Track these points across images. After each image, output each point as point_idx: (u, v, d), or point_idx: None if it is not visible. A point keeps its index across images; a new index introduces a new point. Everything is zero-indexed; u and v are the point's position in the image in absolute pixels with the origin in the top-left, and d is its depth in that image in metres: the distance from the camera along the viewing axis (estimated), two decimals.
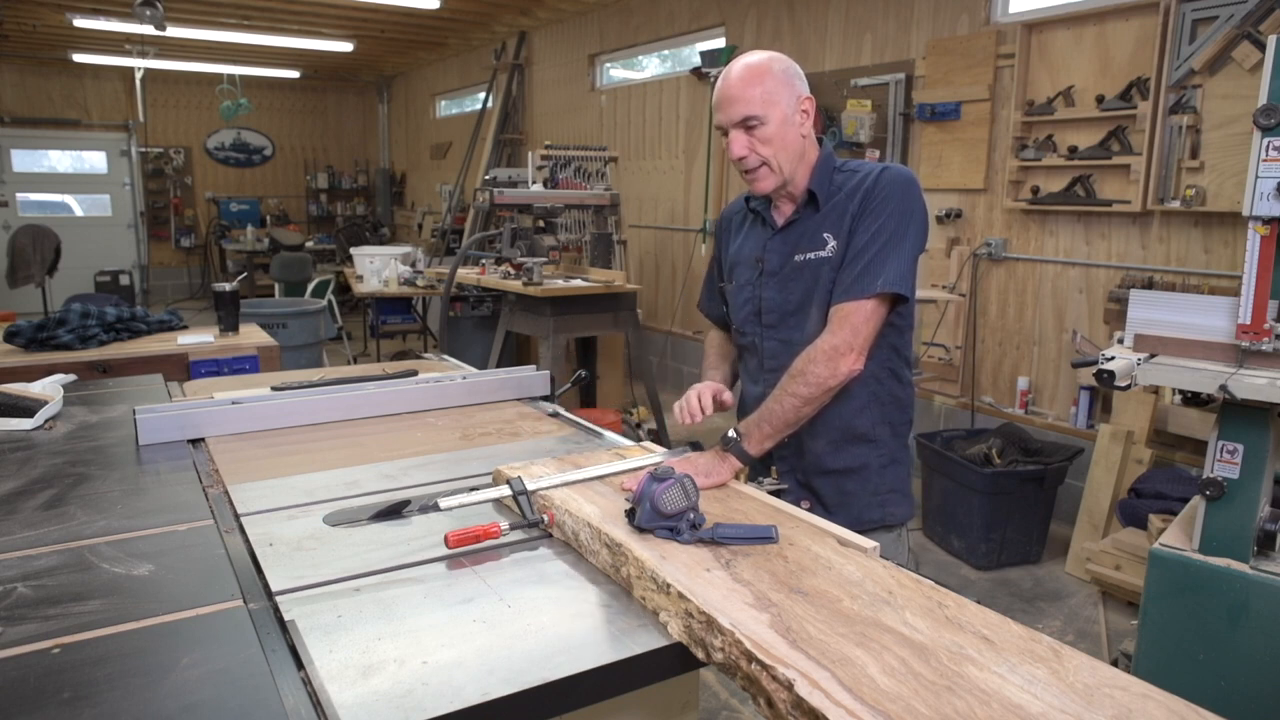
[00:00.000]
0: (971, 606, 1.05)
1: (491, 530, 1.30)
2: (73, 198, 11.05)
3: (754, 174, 1.65)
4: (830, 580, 1.12)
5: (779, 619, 1.01)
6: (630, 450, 1.68)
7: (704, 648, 1.01)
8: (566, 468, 1.54)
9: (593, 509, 1.34)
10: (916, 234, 1.61)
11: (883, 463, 1.72)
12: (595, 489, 1.46)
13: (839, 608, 1.04)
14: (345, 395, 2.08)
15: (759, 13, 5.67)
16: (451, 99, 10.66)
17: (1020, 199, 4.15)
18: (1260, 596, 2.00)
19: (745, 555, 1.20)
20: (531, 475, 1.48)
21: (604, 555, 1.23)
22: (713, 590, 1.07)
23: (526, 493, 1.40)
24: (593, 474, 1.51)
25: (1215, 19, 3.39)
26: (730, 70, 1.63)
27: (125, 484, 1.61)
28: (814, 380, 1.54)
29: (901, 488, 1.75)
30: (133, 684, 0.93)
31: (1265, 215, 1.96)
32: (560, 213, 5.43)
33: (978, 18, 4.33)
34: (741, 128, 1.61)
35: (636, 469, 1.54)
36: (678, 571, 1.12)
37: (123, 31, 7.66)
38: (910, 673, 0.90)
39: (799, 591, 1.08)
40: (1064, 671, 0.92)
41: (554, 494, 1.42)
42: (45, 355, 2.92)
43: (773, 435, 1.57)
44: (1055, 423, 4.13)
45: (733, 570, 1.15)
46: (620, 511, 1.32)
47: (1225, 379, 1.91)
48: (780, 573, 1.14)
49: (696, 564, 1.16)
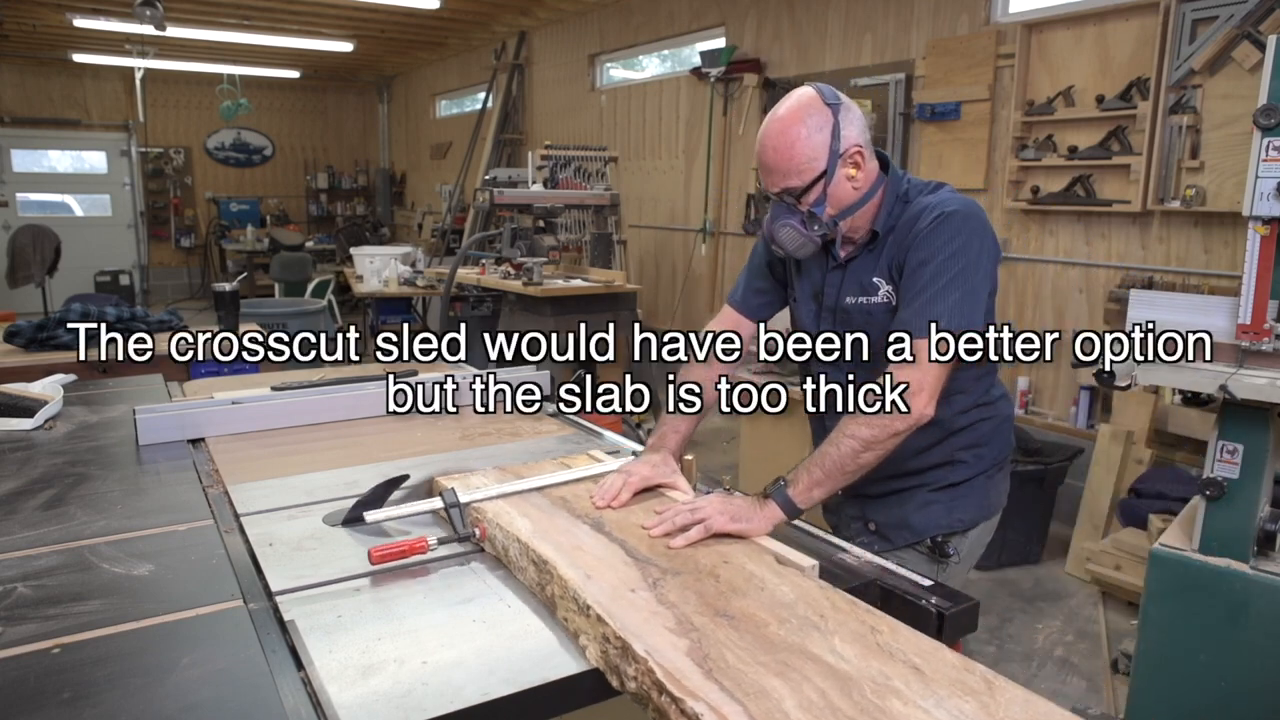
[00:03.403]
0: (905, 632, 1.00)
1: (418, 545, 1.23)
2: (73, 198, 11.05)
3: None
4: (760, 602, 1.06)
5: (698, 646, 0.95)
6: (576, 459, 1.61)
7: (619, 675, 0.95)
8: (507, 478, 1.47)
9: (525, 523, 1.28)
10: (980, 267, 1.45)
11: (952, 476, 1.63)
12: (532, 501, 1.39)
13: (765, 633, 0.99)
14: (345, 395, 2.08)
15: (759, 13, 5.66)
16: (451, 99, 10.66)
17: (1020, 199, 4.15)
18: (1260, 596, 2.00)
19: (676, 574, 1.14)
20: (469, 486, 1.41)
21: (531, 573, 1.17)
22: (634, 613, 1.02)
23: (459, 505, 1.33)
24: (531, 485, 1.45)
25: (1215, 19, 3.39)
26: (765, 130, 1.50)
27: (125, 484, 1.60)
28: (878, 421, 1.36)
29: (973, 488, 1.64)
30: (133, 684, 0.93)
31: (1265, 215, 1.96)
32: (560, 213, 5.43)
33: (978, 18, 4.33)
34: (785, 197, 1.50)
35: (581, 479, 1.48)
36: (601, 592, 1.06)
37: (123, 31, 7.66)
38: (829, 707, 0.85)
39: (725, 615, 1.03)
40: (994, 706, 0.85)
41: (488, 506, 1.35)
42: (45, 355, 2.92)
43: (824, 483, 1.36)
44: (1055, 423, 4.13)
45: (659, 591, 1.08)
46: (553, 525, 1.26)
47: (1225, 379, 1.91)
48: (709, 594, 1.08)
49: (623, 584, 1.10)
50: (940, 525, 1.63)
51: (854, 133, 1.49)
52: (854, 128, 1.49)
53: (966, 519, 1.65)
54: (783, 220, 1.52)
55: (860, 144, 1.50)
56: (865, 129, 1.52)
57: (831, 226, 1.52)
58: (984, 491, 1.66)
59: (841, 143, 1.47)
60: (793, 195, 1.49)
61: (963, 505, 1.64)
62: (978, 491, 1.65)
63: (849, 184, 1.50)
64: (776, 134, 1.48)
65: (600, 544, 1.23)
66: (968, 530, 1.65)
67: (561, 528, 1.27)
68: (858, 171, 1.50)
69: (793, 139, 1.46)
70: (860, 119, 1.52)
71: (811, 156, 1.46)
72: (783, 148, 1.47)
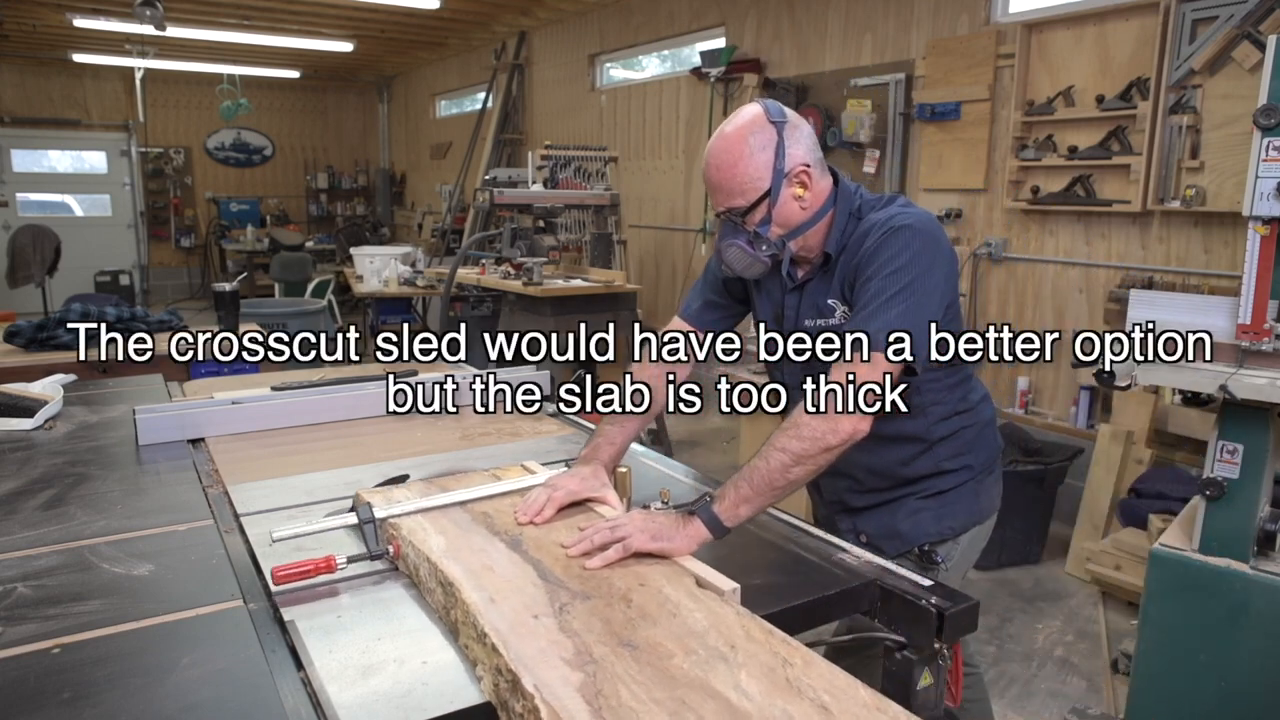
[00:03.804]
0: (820, 665, 0.94)
1: (325, 565, 1.16)
2: (73, 198, 11.04)
3: None
4: (670, 630, 1.00)
5: (592, 680, 0.89)
6: (508, 470, 1.54)
7: (507, 711, 0.89)
8: (433, 490, 1.41)
9: (439, 540, 1.21)
10: (930, 280, 1.40)
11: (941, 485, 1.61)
12: (452, 516, 1.32)
13: (668, 665, 0.93)
14: (345, 395, 2.08)
15: (759, 13, 5.66)
16: (451, 99, 10.66)
17: (1020, 199, 4.15)
18: (1260, 596, 2.00)
19: (586, 599, 1.07)
20: (393, 500, 1.35)
21: (439, 594, 1.10)
22: (532, 642, 0.95)
23: (374, 521, 1.26)
24: (455, 499, 1.38)
25: (1215, 19, 3.39)
26: (710, 147, 1.47)
27: (125, 484, 1.61)
28: (808, 434, 1.29)
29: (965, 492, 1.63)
30: (133, 684, 0.93)
31: (1265, 215, 1.96)
32: (560, 213, 5.43)
33: (978, 18, 4.33)
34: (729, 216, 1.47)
35: (509, 493, 1.42)
36: (502, 618, 1.00)
37: (123, 31, 7.65)
38: None
39: (629, 645, 0.96)
40: None
41: (403, 522, 1.28)
42: (45, 355, 2.93)
43: (752, 499, 1.28)
44: (1055, 423, 4.13)
45: (564, 617, 1.02)
46: (468, 544, 1.20)
47: (1225, 379, 1.91)
48: (617, 621, 1.02)
49: (528, 608, 1.03)
50: (929, 533, 1.61)
51: (800, 151, 1.45)
52: (800, 146, 1.46)
53: (956, 525, 1.63)
54: (729, 240, 1.50)
55: (808, 163, 1.46)
56: (814, 147, 1.50)
57: (779, 246, 1.49)
58: (974, 497, 1.65)
59: (787, 161, 1.44)
60: (738, 214, 1.47)
61: (952, 512, 1.63)
62: (967, 497, 1.64)
63: (796, 204, 1.47)
64: (720, 152, 1.45)
65: (513, 564, 1.16)
66: (959, 535, 1.64)
67: (476, 546, 1.21)
68: (805, 191, 1.47)
69: (735, 157, 1.43)
70: (808, 137, 1.48)
71: (755, 176, 1.43)
72: (725, 166, 1.44)
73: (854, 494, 1.66)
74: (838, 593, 1.22)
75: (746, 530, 1.44)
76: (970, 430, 1.64)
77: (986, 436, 1.68)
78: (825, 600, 1.21)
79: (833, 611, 1.27)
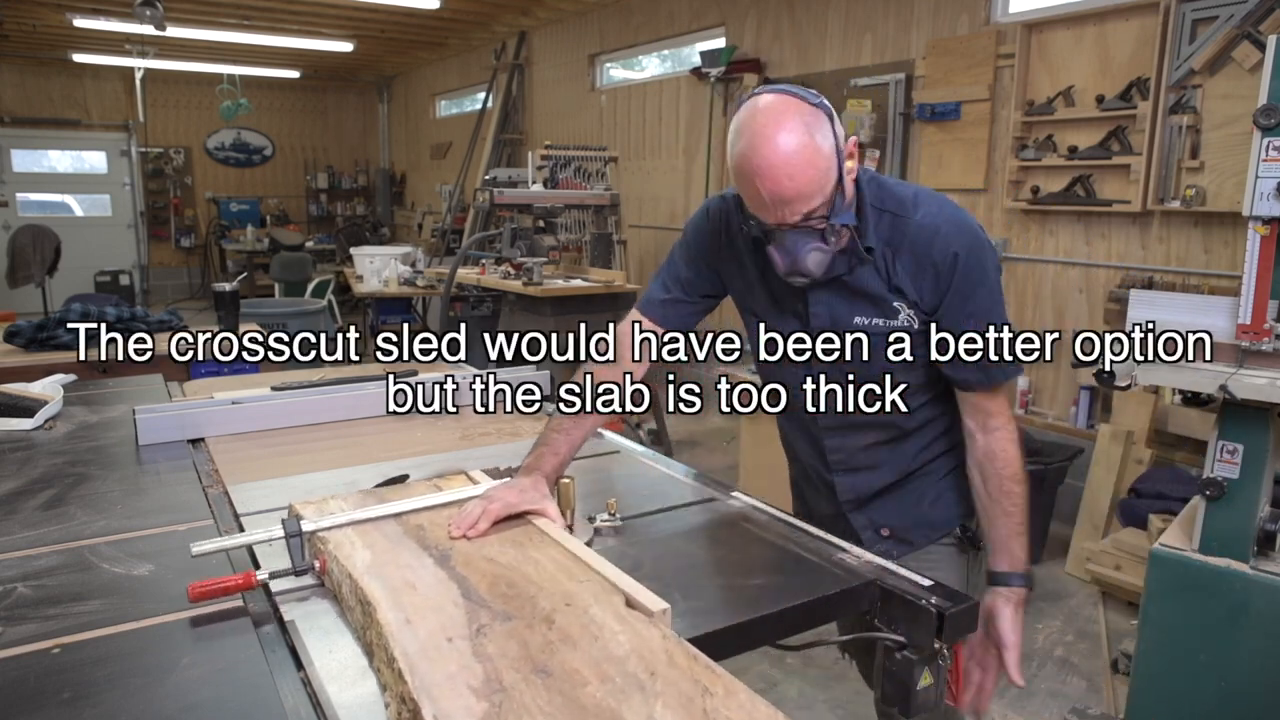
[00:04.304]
0: (741, 696, 0.89)
1: (243, 581, 1.11)
2: (73, 198, 11.04)
3: None
4: (589, 655, 0.95)
5: (496, 711, 0.84)
6: (452, 480, 1.48)
7: None
8: (370, 501, 1.34)
9: (366, 555, 1.15)
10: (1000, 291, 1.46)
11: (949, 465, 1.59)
12: (384, 529, 1.26)
13: (580, 695, 0.88)
14: (345, 395, 2.08)
15: (759, 13, 5.66)
16: (451, 99, 10.66)
17: (1020, 199, 4.15)
18: (1260, 596, 2.00)
19: (507, 620, 1.01)
20: (327, 511, 1.29)
21: (358, 613, 1.05)
22: (441, 668, 0.90)
23: (300, 535, 1.19)
24: (389, 511, 1.31)
25: (1215, 19, 3.39)
26: (767, 157, 1.26)
27: (125, 484, 1.61)
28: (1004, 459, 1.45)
29: None
30: (133, 684, 0.93)
31: (1265, 215, 1.96)
32: (560, 213, 5.43)
33: (978, 18, 4.33)
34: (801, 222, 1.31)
35: (448, 504, 1.36)
36: (414, 642, 0.95)
37: (123, 31, 7.65)
38: None
39: (543, 671, 0.91)
40: None
41: (332, 535, 1.21)
42: (45, 355, 2.93)
43: (1023, 533, 1.46)
44: (1055, 423, 4.13)
45: (480, 640, 0.97)
46: (395, 559, 1.14)
47: (1225, 379, 1.91)
48: (535, 644, 0.96)
49: (444, 630, 0.98)
50: (960, 513, 1.57)
51: (840, 127, 1.34)
52: (838, 121, 1.34)
53: None
54: (807, 246, 1.34)
55: (854, 138, 1.39)
56: None
57: (839, 231, 1.37)
58: None
59: (840, 138, 1.32)
60: (816, 217, 1.31)
61: None
62: None
63: (849, 181, 1.37)
64: (788, 158, 1.25)
65: (438, 581, 1.10)
66: None
67: (403, 561, 1.15)
68: (853, 163, 1.37)
69: (809, 158, 1.26)
70: None
71: (827, 169, 1.29)
72: (798, 172, 1.26)
73: (873, 488, 1.60)
74: (838, 593, 1.21)
75: (746, 530, 1.45)
76: None
77: None
78: (825, 600, 1.21)
79: (833, 611, 1.26)
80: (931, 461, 1.59)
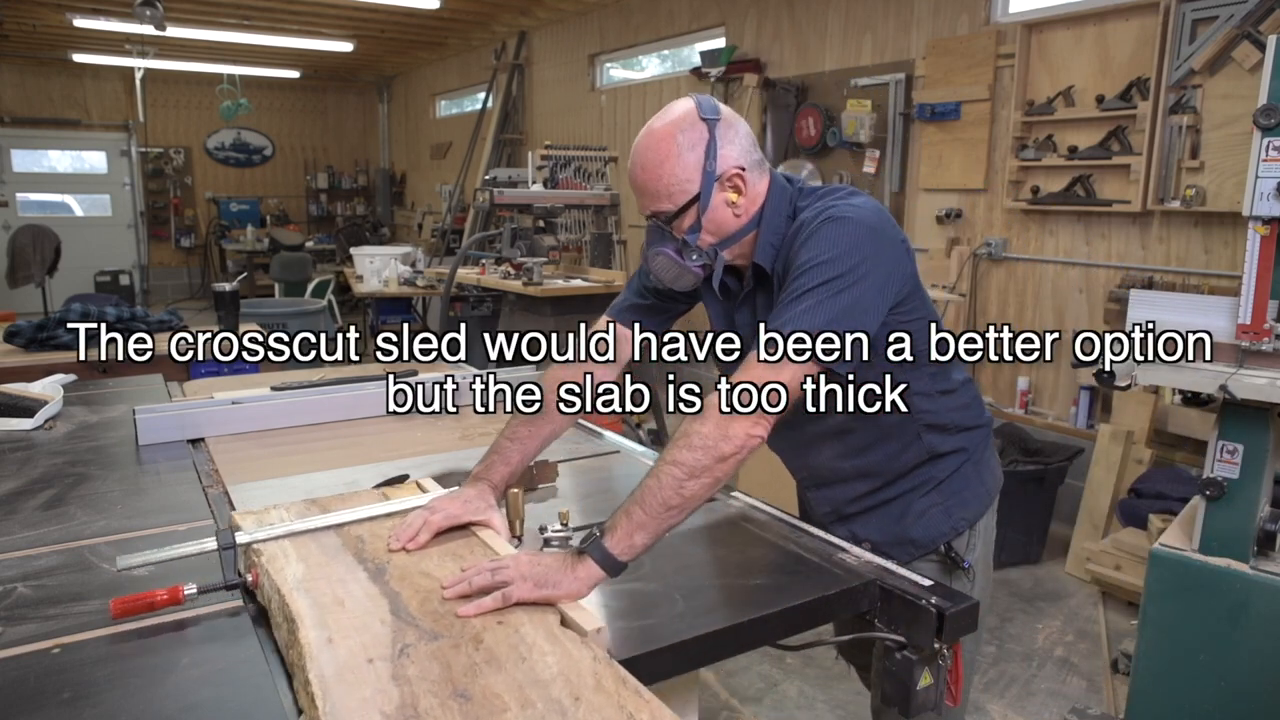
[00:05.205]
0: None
1: (168, 596, 1.06)
2: (73, 198, 11.04)
3: None
4: (513, 678, 0.92)
5: None
6: (399, 490, 1.45)
7: None
8: (312, 511, 1.31)
9: (299, 569, 1.11)
10: (864, 276, 1.24)
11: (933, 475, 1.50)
12: (321, 541, 1.22)
13: None
14: (345, 395, 2.08)
15: (759, 13, 5.66)
16: (451, 99, 10.66)
17: (1020, 199, 4.15)
18: (1260, 596, 2.00)
19: (434, 639, 0.98)
20: (266, 521, 1.26)
21: (284, 631, 1.02)
22: (356, 692, 0.88)
23: (234, 547, 1.15)
24: (329, 521, 1.28)
25: (1215, 19, 3.39)
26: (636, 145, 1.33)
27: (125, 484, 1.61)
28: (699, 443, 1.15)
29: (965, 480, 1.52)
30: (133, 684, 0.93)
31: (1265, 215, 1.96)
32: (560, 213, 5.43)
33: (978, 18, 4.33)
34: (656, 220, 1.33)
35: (390, 515, 1.33)
36: (332, 663, 0.92)
37: (123, 31, 7.65)
38: None
39: (462, 695, 0.88)
40: None
41: (266, 548, 1.17)
42: (45, 355, 2.93)
43: (647, 525, 1.12)
44: (1055, 423, 4.13)
45: (401, 662, 0.94)
46: (328, 573, 1.11)
47: (1225, 379, 1.91)
48: (459, 666, 0.93)
49: (365, 651, 0.95)
50: (943, 532, 1.51)
51: (734, 152, 1.32)
52: (735, 146, 1.32)
53: (969, 515, 1.51)
54: (657, 247, 1.37)
55: (743, 165, 1.33)
56: (752, 147, 1.36)
57: (712, 256, 1.36)
58: (978, 478, 1.54)
59: (719, 163, 1.30)
60: (664, 220, 1.34)
61: (961, 501, 1.51)
62: (971, 480, 1.52)
63: (729, 209, 1.33)
64: (645, 150, 1.31)
65: (368, 598, 1.07)
66: (974, 524, 1.53)
67: (336, 576, 1.12)
68: (739, 196, 1.33)
69: (662, 156, 1.29)
70: (745, 136, 1.34)
71: (683, 178, 1.29)
72: (650, 166, 1.30)
73: (848, 501, 1.55)
74: (838, 593, 1.22)
75: (746, 530, 1.45)
76: (955, 412, 1.51)
77: (974, 411, 1.56)
78: (825, 600, 1.21)
79: (833, 611, 1.26)
80: (911, 472, 1.51)
